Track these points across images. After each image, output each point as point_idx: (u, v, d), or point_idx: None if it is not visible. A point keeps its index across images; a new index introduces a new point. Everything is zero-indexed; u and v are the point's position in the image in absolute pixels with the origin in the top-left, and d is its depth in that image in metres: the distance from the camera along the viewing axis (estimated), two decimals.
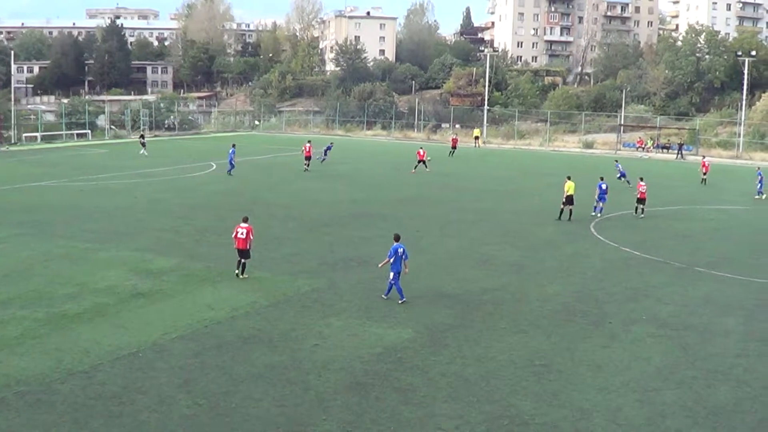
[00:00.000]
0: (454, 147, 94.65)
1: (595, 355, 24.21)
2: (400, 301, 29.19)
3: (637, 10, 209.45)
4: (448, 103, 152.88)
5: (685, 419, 19.78)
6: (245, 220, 32.68)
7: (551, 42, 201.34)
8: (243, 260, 32.36)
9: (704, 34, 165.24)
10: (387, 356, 23.30)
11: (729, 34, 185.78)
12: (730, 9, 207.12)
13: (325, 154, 78.29)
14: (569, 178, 50.39)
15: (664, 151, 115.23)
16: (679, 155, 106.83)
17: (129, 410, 19.22)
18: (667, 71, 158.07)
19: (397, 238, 29.76)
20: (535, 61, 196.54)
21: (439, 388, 21.05)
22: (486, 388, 21.14)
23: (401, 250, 29.17)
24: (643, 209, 51.49)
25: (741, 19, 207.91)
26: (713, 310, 30.06)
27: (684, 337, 26.32)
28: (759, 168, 70.12)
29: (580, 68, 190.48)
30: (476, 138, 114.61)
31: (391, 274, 29.25)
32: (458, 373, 22.13)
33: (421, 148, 78.70)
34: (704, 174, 73.91)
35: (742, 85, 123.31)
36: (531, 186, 65.10)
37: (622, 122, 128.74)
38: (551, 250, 39.95)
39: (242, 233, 32.05)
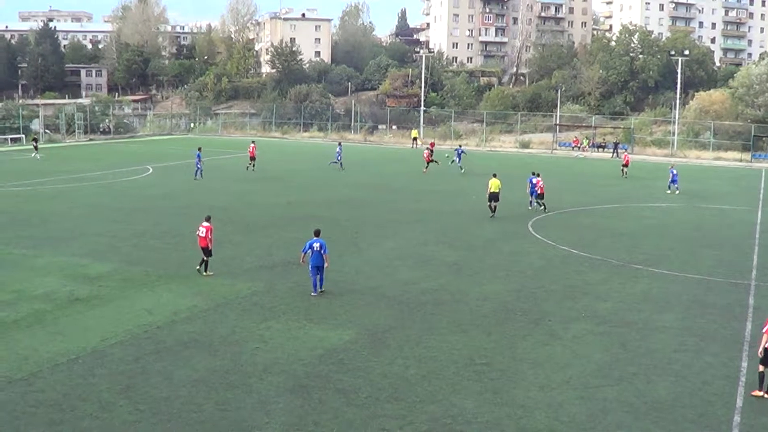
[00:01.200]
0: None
1: (536, 352, 24.34)
2: (312, 294, 30.02)
3: (571, 10, 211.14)
4: (385, 105, 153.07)
5: (626, 415, 19.96)
6: (207, 219, 33.25)
7: (486, 43, 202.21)
8: (205, 258, 32.93)
9: (638, 34, 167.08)
10: (328, 358, 23.25)
11: (662, 34, 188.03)
12: (663, 9, 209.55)
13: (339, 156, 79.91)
14: (495, 176, 51.21)
15: (600, 150, 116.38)
16: (615, 154, 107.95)
17: (70, 417, 18.99)
18: (601, 71, 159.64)
19: (316, 233, 30.35)
20: (471, 62, 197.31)
21: (381, 388, 21.04)
22: (428, 388, 21.17)
23: (317, 244, 29.73)
24: (544, 205, 51.93)
25: (674, 19, 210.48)
26: (651, 306, 30.38)
27: (623, 334, 26.57)
28: (673, 165, 72.91)
29: (515, 69, 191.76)
30: (414, 139, 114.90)
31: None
32: (400, 374, 22.14)
33: (428, 148, 79.52)
34: (624, 166, 77.21)
35: (676, 84, 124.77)
36: (468, 186, 65.25)
37: (558, 122, 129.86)
38: (490, 250, 40.12)
39: (202, 232, 32.61)
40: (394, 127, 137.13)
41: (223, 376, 21.64)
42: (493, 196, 50.42)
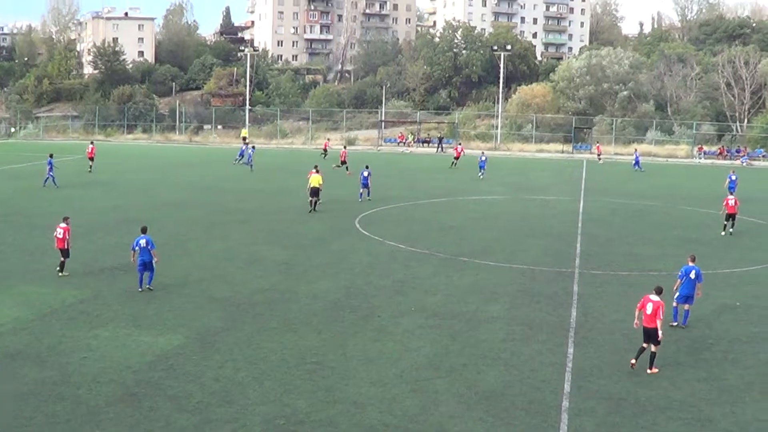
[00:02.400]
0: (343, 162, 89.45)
1: (367, 349, 24.43)
2: (138, 290, 30.32)
3: (395, 7, 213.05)
4: (210, 104, 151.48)
5: (458, 405, 20.22)
6: (65, 220, 33.27)
7: (311, 40, 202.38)
8: (63, 259, 32.84)
9: (461, 30, 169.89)
10: (158, 364, 22.82)
11: (485, 29, 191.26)
12: (485, 5, 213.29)
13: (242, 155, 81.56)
14: (316, 171, 51.92)
15: (425, 145, 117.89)
16: (440, 148, 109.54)
17: None
18: (425, 67, 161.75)
19: (143, 230, 30.85)
20: (296, 60, 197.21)
21: (213, 393, 20.77)
22: (260, 390, 21.01)
23: (144, 241, 30.06)
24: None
25: (496, 14, 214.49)
26: (479, 297, 30.90)
27: (452, 326, 26.92)
28: (483, 152, 78.49)
29: (340, 66, 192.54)
30: (244, 138, 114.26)
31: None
32: (231, 377, 21.90)
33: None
34: (456, 158, 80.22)
35: (499, 78, 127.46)
36: (295, 184, 64.99)
37: (383, 118, 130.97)
38: (318, 248, 40.13)
39: (60, 233, 32.64)
40: (219, 127, 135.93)
41: (51, 388, 20.99)
42: (314, 192, 50.83)
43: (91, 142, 77.88)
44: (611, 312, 29.34)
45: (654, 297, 23.28)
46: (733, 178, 63.78)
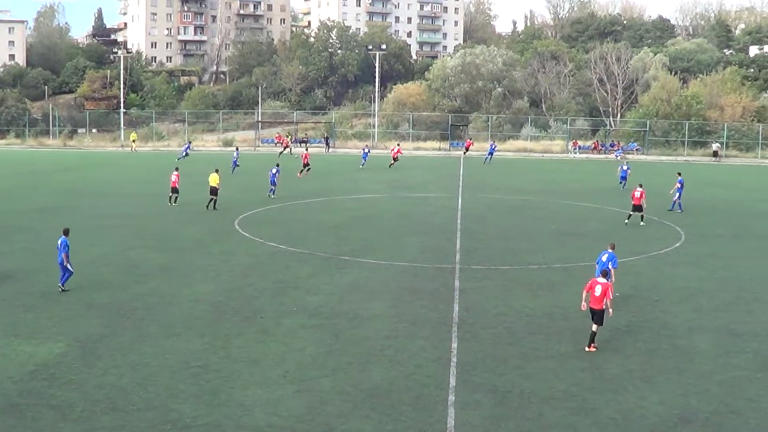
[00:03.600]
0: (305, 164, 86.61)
1: (250, 350, 24.35)
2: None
3: (270, 8, 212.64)
4: (84, 108, 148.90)
5: (344, 404, 20.29)
6: None
7: (186, 42, 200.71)
8: None
9: (336, 29, 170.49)
10: (40, 374, 22.36)
11: (360, 29, 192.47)
12: (360, 5, 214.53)
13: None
14: (216, 171, 53.01)
15: (303, 145, 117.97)
16: (328, 148, 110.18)
17: None
18: (301, 67, 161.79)
19: (65, 232, 31.53)
20: (171, 62, 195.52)
21: (97, 400, 20.45)
22: (144, 396, 20.76)
23: (59, 241, 30.98)
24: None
25: (371, 14, 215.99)
26: (361, 296, 31.04)
27: (335, 325, 27.00)
28: (367, 145, 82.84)
29: (215, 67, 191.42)
30: (134, 141, 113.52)
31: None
32: (114, 384, 21.59)
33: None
34: (394, 160, 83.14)
35: (374, 78, 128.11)
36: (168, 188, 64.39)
37: (260, 119, 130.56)
38: (198, 250, 39.81)
39: None
40: (93, 130, 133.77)
41: None
42: (213, 191, 52.37)
43: None
44: (492, 306, 29.76)
45: (601, 279, 24.90)
46: (625, 168, 66.18)
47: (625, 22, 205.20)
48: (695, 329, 27.54)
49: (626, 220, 49.71)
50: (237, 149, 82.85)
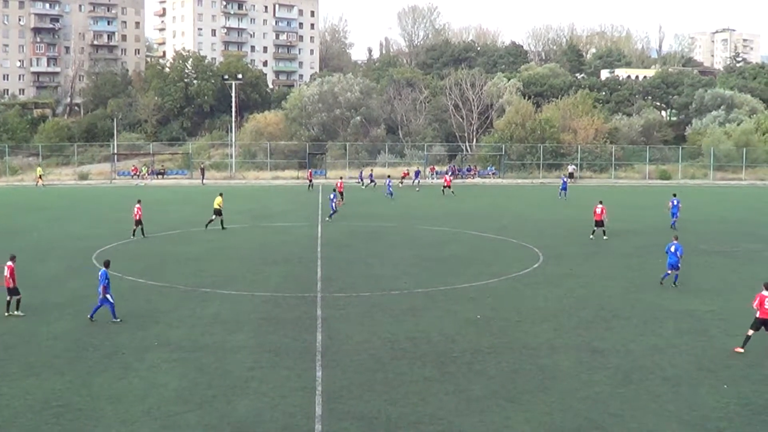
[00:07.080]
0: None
1: (113, 387, 23.95)
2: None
3: (124, 38, 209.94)
4: None
5: None
6: (11, 259, 33.67)
7: (39, 73, 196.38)
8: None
9: (191, 59, 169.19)
10: None
11: (215, 58, 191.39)
12: (215, 34, 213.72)
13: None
14: (221, 195, 57.97)
15: (160, 177, 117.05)
16: (202, 179, 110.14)
17: None
18: (156, 98, 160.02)
19: (105, 264, 32.98)
20: (23, 94, 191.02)
21: None
22: None
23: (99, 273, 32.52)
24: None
25: (226, 43, 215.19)
26: (223, 327, 30.86)
27: (199, 358, 26.78)
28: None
29: (69, 99, 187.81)
30: (40, 176, 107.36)
31: None
32: None
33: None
34: (340, 192, 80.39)
35: (231, 107, 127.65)
36: (27, 222, 62.99)
37: (116, 151, 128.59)
38: (54, 287, 39.00)
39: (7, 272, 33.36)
40: None
41: None
42: (216, 211, 57.67)
43: None
44: (355, 333, 29.93)
45: (766, 293, 27.09)
46: (566, 180, 79.12)
47: (479, 48, 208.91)
48: (557, 348, 28.19)
49: (591, 236, 53.78)
50: None
